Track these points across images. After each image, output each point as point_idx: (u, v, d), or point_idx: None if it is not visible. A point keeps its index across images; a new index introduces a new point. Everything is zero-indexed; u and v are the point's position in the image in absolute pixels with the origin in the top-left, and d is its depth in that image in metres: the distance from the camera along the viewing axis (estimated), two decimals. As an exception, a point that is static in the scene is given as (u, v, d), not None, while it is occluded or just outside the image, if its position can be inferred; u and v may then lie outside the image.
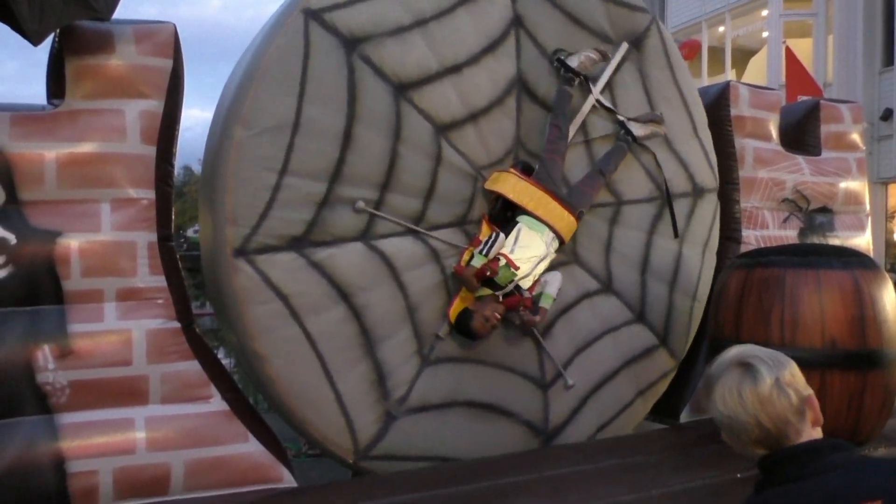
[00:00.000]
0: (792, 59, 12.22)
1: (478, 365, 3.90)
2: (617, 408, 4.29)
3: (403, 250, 3.67)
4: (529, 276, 3.86)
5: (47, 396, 3.05)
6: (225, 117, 3.43)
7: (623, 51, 4.28)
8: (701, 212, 4.63)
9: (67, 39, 3.15)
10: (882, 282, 3.75)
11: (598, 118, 4.29)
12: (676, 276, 4.51)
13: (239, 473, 3.31)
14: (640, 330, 4.42)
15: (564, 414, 4.10)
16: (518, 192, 3.86)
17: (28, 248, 3.05)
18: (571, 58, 4.06)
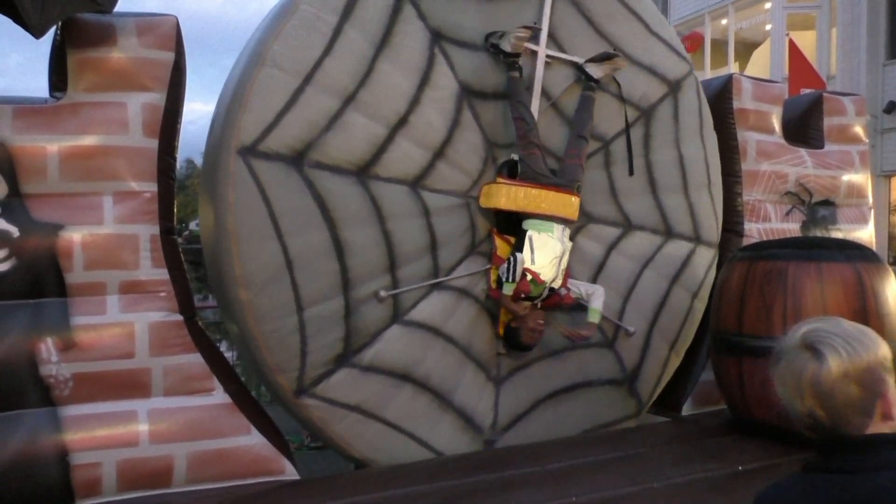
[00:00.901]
0: (795, 51, 12.18)
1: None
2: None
3: (436, 307, 3.77)
4: (558, 277, 3.88)
5: (50, 389, 3.06)
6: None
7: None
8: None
9: (69, 32, 3.15)
10: (884, 274, 3.75)
11: (556, 73, 4.15)
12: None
13: (241, 466, 3.32)
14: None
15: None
16: (512, 199, 3.83)
17: (31, 241, 3.05)
18: (503, 41, 3.85)
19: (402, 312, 3.70)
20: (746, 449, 3.68)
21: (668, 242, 4.51)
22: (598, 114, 4.20)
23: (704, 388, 4.63)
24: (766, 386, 3.75)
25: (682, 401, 4.65)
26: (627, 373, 4.38)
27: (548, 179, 3.86)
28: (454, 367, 3.84)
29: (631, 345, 4.37)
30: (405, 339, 3.70)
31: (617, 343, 4.35)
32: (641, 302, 4.39)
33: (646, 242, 4.43)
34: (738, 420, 4.08)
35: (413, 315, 3.73)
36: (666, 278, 4.48)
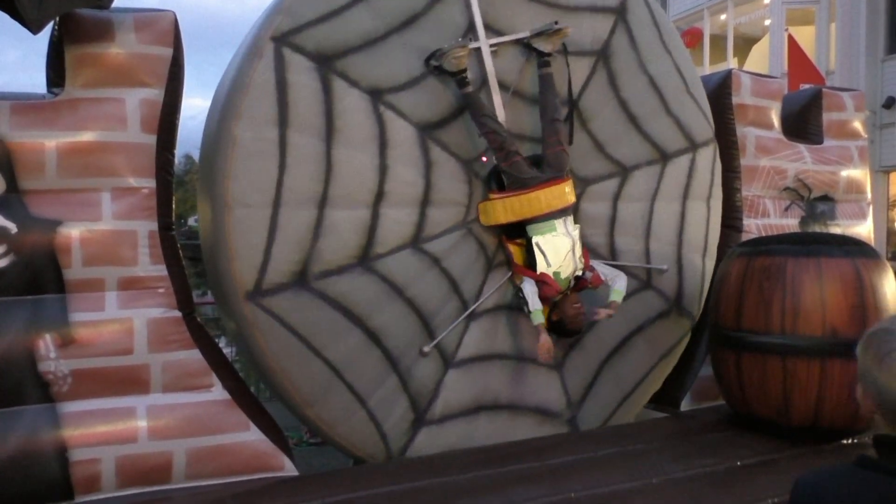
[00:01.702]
0: (794, 47, 12.18)
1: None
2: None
3: (477, 335, 3.91)
4: (578, 265, 3.90)
5: (49, 385, 3.06)
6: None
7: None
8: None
9: (67, 27, 3.14)
10: (883, 270, 3.75)
11: (506, 59, 4.01)
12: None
13: (240, 462, 3.33)
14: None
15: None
16: (510, 211, 3.81)
17: (29, 237, 3.05)
18: (444, 62, 3.71)
19: (451, 356, 3.86)
20: (745, 444, 3.69)
21: (668, 165, 4.49)
22: (557, 75, 4.12)
23: (703, 384, 4.63)
24: (764, 381, 3.76)
25: (680, 396, 4.65)
26: (672, 299, 4.50)
27: (536, 179, 3.80)
28: (516, 378, 3.99)
29: (667, 277, 4.47)
30: (465, 378, 3.84)
31: (654, 281, 4.45)
32: (662, 234, 4.47)
33: (647, 177, 4.43)
34: (737, 415, 4.09)
35: (462, 354, 3.87)
36: (678, 199, 4.53)
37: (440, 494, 3.13)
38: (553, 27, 3.92)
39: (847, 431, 3.75)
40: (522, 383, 4.03)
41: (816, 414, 3.66)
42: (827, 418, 3.67)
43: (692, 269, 4.60)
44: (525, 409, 4.04)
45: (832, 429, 3.71)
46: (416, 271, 3.74)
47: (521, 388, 4.03)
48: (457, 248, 3.87)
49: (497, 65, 3.98)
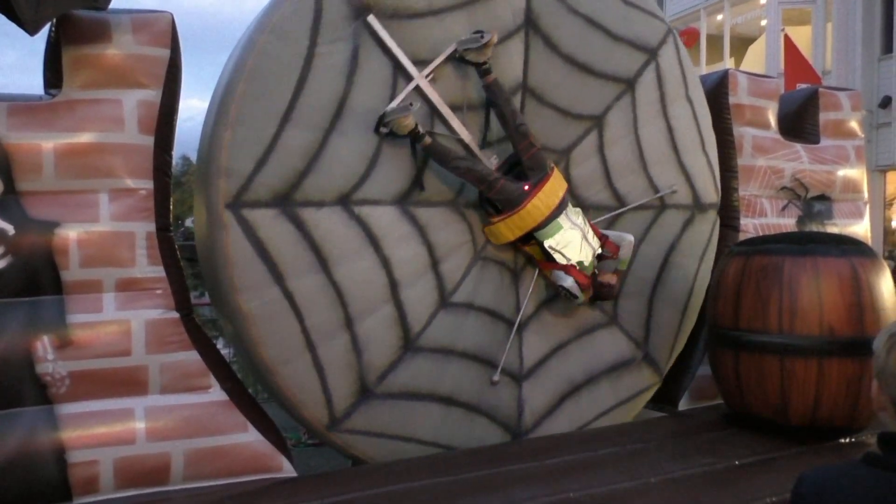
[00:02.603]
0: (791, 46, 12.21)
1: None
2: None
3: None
4: (595, 246, 3.98)
5: (47, 387, 3.05)
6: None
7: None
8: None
9: (64, 28, 3.14)
10: (879, 269, 3.76)
11: (450, 85, 3.83)
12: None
13: (239, 463, 3.32)
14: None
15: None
16: (516, 227, 3.81)
17: (26, 238, 3.04)
18: (393, 126, 3.56)
19: (521, 371, 4.03)
20: (743, 443, 3.70)
21: (636, 89, 4.36)
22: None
23: (701, 383, 4.64)
24: (761, 380, 3.77)
25: (679, 395, 4.66)
26: (690, 202, 4.60)
27: (531, 191, 3.77)
28: (589, 355, 4.23)
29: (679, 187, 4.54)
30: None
31: (667, 200, 4.52)
32: (658, 155, 4.44)
33: (621, 113, 4.30)
34: (735, 414, 4.10)
35: (528, 363, 4.03)
36: (658, 115, 4.46)
37: (439, 494, 3.13)
38: (480, 42, 3.68)
39: (845, 430, 3.76)
40: (595, 356, 4.21)
41: (814, 413, 3.67)
42: (825, 417, 3.68)
43: (697, 168, 4.59)
44: (606, 371, 4.23)
45: (830, 427, 3.72)
46: (457, 324, 3.82)
47: (595, 359, 4.20)
48: (482, 282, 3.92)
49: (443, 91, 3.78)
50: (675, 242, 4.54)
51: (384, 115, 3.56)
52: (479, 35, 3.70)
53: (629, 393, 4.40)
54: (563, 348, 4.18)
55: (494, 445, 3.82)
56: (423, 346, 3.76)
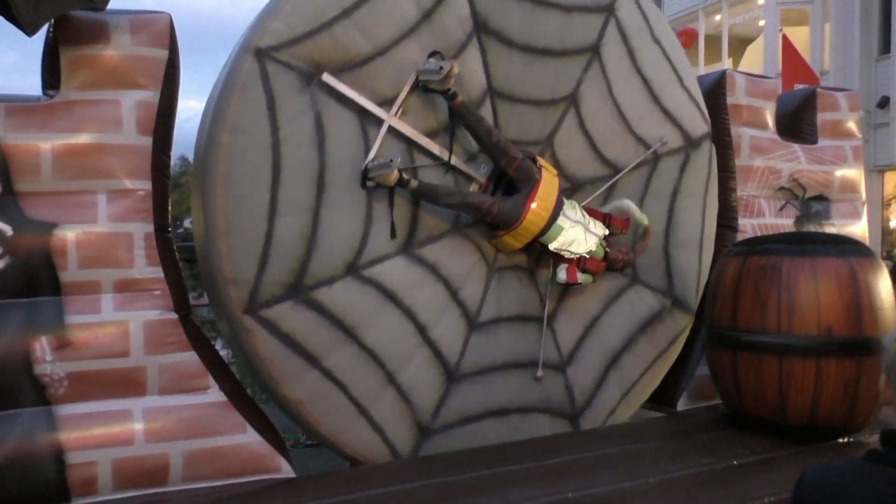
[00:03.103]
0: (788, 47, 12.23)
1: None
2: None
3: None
4: (599, 229, 4.06)
5: (45, 388, 3.05)
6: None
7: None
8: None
9: (62, 29, 3.13)
10: (877, 269, 3.77)
11: (422, 110, 3.75)
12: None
13: (237, 464, 3.32)
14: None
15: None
16: (521, 238, 3.88)
17: (25, 239, 3.04)
18: (378, 179, 3.53)
19: (562, 360, 4.19)
20: (741, 443, 3.70)
21: (601, 53, 4.26)
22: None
23: (700, 383, 4.65)
24: (760, 380, 3.77)
25: (677, 396, 4.66)
26: (683, 143, 4.62)
27: (522, 205, 3.79)
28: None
29: (665, 128, 4.56)
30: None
31: (661, 154, 4.52)
32: (638, 110, 4.42)
33: (593, 83, 4.24)
34: (733, 414, 4.10)
35: (565, 349, 4.20)
36: (631, 71, 4.40)
37: (437, 495, 3.13)
38: (441, 75, 3.57)
39: (843, 430, 3.76)
40: (628, 319, 4.37)
41: (812, 413, 3.67)
42: (823, 417, 3.68)
43: (681, 108, 4.56)
44: (641, 329, 4.39)
45: (828, 427, 3.72)
46: (491, 341, 3.96)
47: (628, 322, 4.36)
48: (503, 292, 4.03)
49: (419, 124, 3.73)
50: (677, 187, 4.58)
51: (367, 171, 3.54)
52: (438, 65, 3.58)
53: (667, 341, 4.53)
54: (596, 324, 4.30)
55: (493, 446, 3.82)
56: (465, 372, 3.89)
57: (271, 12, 3.37)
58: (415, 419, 3.74)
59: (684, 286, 4.62)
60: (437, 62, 3.61)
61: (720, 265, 4.15)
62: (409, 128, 3.70)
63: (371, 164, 3.54)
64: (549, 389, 4.13)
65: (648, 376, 4.48)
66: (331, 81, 3.45)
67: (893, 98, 13.98)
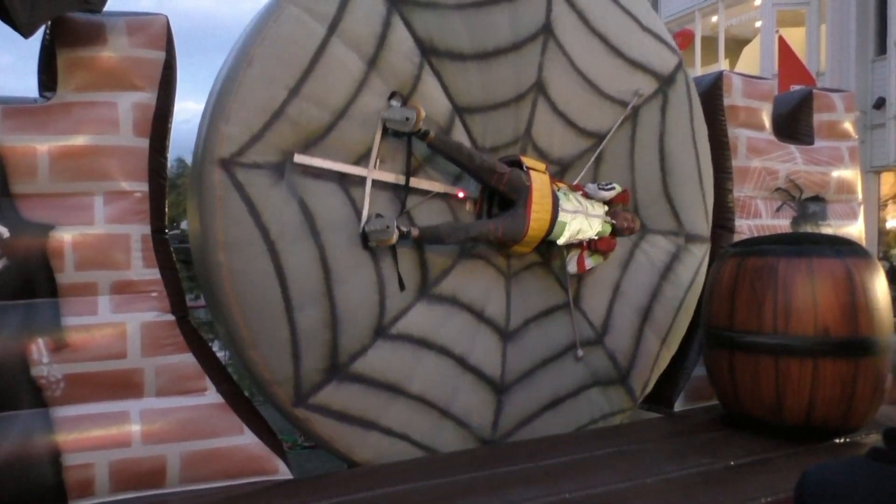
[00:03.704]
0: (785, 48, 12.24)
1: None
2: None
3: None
4: (600, 213, 4.17)
5: (42, 390, 3.04)
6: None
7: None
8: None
9: (59, 31, 3.13)
10: (873, 270, 3.78)
11: (402, 155, 3.71)
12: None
13: (234, 465, 3.32)
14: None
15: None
16: (531, 243, 4.00)
17: (21, 241, 3.04)
18: (376, 239, 3.53)
19: (597, 332, 4.37)
20: (738, 444, 3.71)
21: (555, 34, 4.15)
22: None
23: (697, 384, 4.65)
24: (756, 381, 3.78)
25: (674, 396, 4.67)
26: (658, 81, 4.58)
27: (524, 218, 3.84)
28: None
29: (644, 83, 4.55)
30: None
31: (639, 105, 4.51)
32: (605, 80, 4.34)
33: (557, 67, 4.17)
34: (730, 415, 4.11)
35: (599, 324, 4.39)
36: (588, 35, 4.30)
37: (435, 496, 3.14)
38: (408, 127, 3.52)
39: (840, 430, 3.77)
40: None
41: (809, 413, 3.68)
42: (819, 417, 3.69)
43: (646, 54, 4.47)
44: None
45: (825, 428, 3.73)
46: (526, 346, 4.08)
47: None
48: (526, 296, 4.12)
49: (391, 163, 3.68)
50: (663, 130, 4.59)
51: (366, 236, 3.54)
52: (404, 116, 3.51)
53: (691, 276, 4.71)
54: (619, 289, 4.47)
55: (489, 447, 3.82)
56: (511, 381, 4.04)
57: (222, 117, 3.25)
58: (478, 439, 3.89)
59: (693, 219, 4.69)
60: (402, 111, 3.53)
61: (717, 266, 4.16)
62: (392, 175, 3.68)
63: (368, 228, 3.52)
64: (594, 364, 4.31)
65: (682, 315, 4.64)
66: (303, 160, 3.40)
67: (889, 99, 14.01)
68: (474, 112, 3.92)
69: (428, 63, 3.74)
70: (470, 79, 3.87)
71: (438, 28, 3.75)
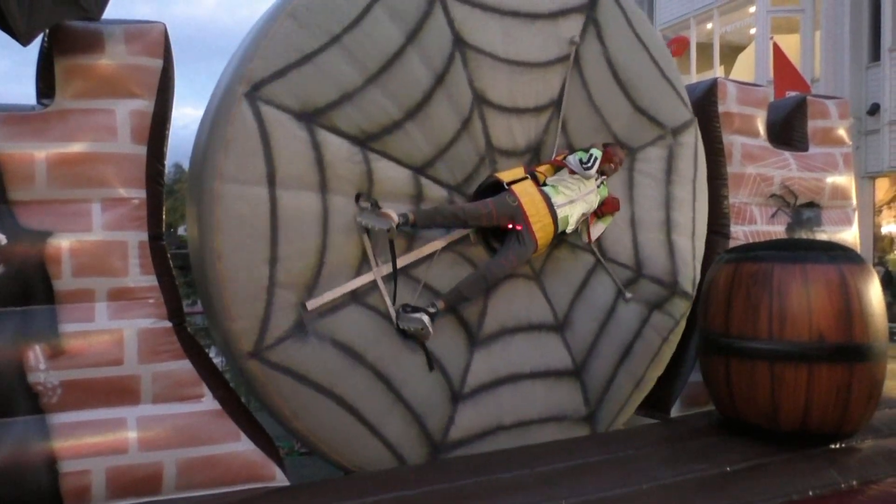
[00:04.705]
0: (779, 55, 12.32)
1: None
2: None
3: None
4: (595, 188, 4.19)
5: (39, 396, 3.05)
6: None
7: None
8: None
9: (57, 39, 3.15)
10: (868, 275, 3.79)
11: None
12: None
13: (231, 472, 3.32)
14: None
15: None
16: (546, 245, 4.10)
17: (19, 248, 3.04)
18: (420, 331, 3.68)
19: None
20: (734, 449, 3.71)
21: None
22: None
23: (693, 390, 4.66)
24: (752, 386, 3.79)
25: (671, 402, 4.68)
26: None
27: (528, 231, 3.91)
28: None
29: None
30: None
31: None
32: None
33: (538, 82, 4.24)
34: (726, 420, 4.12)
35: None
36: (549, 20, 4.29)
37: (432, 503, 3.14)
38: (392, 234, 3.58)
39: (835, 436, 3.78)
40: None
41: (805, 418, 3.69)
42: (815, 423, 3.70)
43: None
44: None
45: (820, 433, 3.74)
46: (579, 330, 4.28)
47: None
48: (558, 279, 4.25)
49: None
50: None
51: (398, 325, 3.69)
52: (386, 226, 3.53)
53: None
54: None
55: (487, 453, 3.82)
56: (583, 361, 4.27)
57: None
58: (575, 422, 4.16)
59: (670, 111, 4.66)
60: (377, 218, 3.53)
61: (713, 272, 4.17)
62: (391, 265, 3.70)
63: (404, 326, 3.67)
64: (645, 293, 4.48)
65: (699, 203, 4.77)
66: (315, 304, 3.50)
67: (884, 105, 14.07)
68: (434, 163, 3.89)
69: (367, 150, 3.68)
70: (414, 138, 3.82)
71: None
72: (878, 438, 3.92)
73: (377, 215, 3.54)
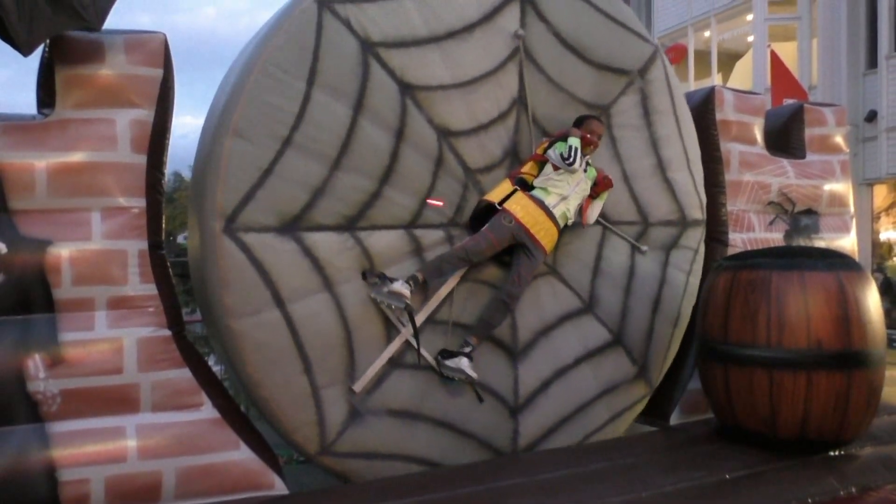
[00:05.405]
0: (777, 62, 12.34)
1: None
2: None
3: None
4: (583, 172, 4.15)
5: (38, 405, 3.05)
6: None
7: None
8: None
9: (57, 49, 3.16)
10: (865, 283, 3.80)
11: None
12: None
13: (230, 481, 3.32)
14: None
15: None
16: (553, 244, 4.13)
17: (19, 256, 3.05)
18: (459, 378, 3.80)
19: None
20: (733, 457, 3.71)
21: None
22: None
23: (692, 397, 4.67)
24: (751, 394, 3.79)
25: (670, 409, 4.68)
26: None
27: (533, 243, 3.96)
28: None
29: None
30: None
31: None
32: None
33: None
34: (725, 428, 4.12)
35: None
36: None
37: (431, 511, 3.14)
38: (406, 303, 3.63)
39: (834, 443, 3.78)
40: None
41: (803, 426, 3.69)
42: (814, 430, 3.70)
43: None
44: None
45: (819, 440, 3.74)
46: (608, 306, 4.36)
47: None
48: (573, 264, 4.29)
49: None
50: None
51: (441, 373, 3.79)
52: (402, 304, 3.61)
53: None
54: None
55: (487, 461, 3.82)
56: (618, 330, 4.41)
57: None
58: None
59: (630, 52, 4.54)
60: (390, 294, 3.59)
61: (711, 279, 4.18)
62: (423, 315, 3.81)
63: (448, 375, 3.79)
64: (659, 236, 4.55)
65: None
66: (359, 387, 3.64)
67: (881, 112, 14.09)
68: (422, 212, 3.90)
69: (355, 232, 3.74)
70: (395, 200, 3.84)
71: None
72: (876, 445, 3.93)
73: (390, 294, 3.59)
